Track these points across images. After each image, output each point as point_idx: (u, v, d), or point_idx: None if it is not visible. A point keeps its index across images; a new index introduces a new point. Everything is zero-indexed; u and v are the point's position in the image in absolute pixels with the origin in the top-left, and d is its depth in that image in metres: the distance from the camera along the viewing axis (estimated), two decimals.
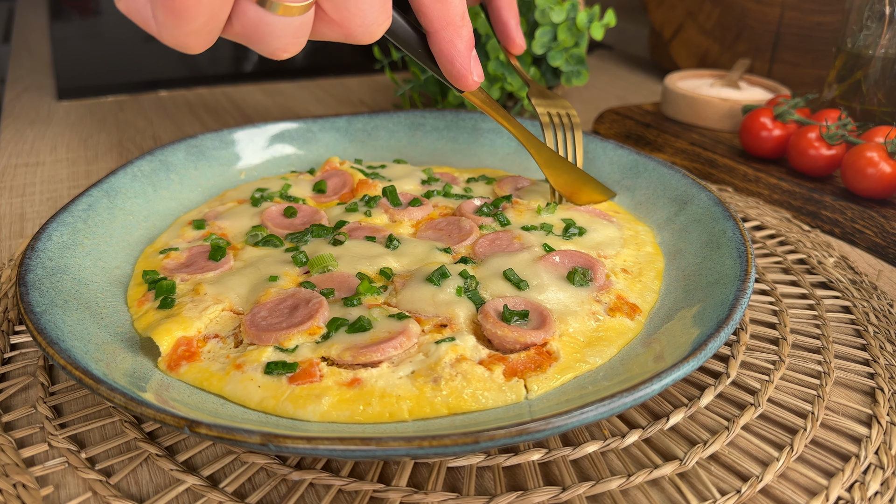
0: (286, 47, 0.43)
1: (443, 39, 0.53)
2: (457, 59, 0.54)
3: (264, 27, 0.41)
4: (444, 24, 0.52)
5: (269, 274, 0.58)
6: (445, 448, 0.38)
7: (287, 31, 0.42)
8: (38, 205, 0.83)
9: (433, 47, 0.54)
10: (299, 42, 0.43)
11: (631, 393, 0.41)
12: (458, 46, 0.53)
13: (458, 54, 0.54)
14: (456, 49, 0.53)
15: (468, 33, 0.53)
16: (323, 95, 1.28)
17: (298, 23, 0.42)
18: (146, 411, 0.40)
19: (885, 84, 0.90)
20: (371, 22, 0.45)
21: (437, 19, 0.52)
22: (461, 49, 0.54)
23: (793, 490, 0.45)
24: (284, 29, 0.41)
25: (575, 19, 0.96)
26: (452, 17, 0.52)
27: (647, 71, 1.51)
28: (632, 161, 0.76)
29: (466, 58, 0.54)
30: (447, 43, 0.53)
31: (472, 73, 0.55)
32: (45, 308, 0.49)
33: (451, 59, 0.54)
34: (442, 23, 0.52)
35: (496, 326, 0.51)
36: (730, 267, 0.55)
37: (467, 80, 0.55)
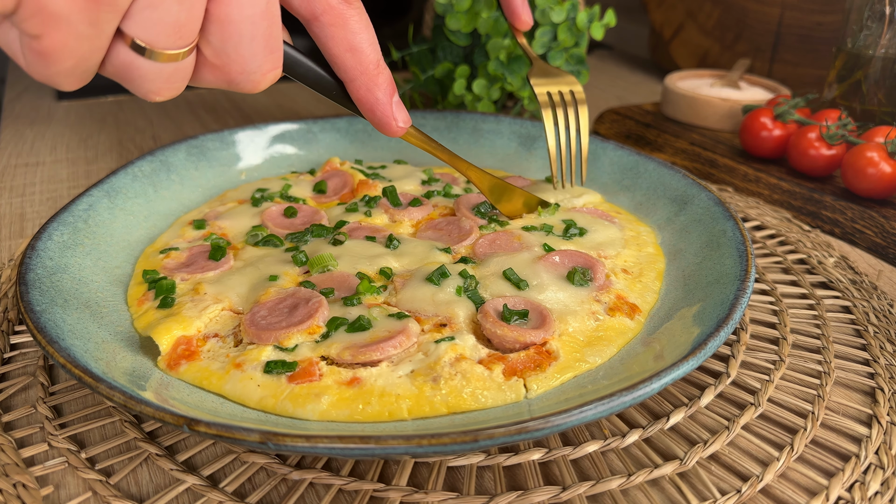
0: (159, 91, 0.42)
1: (359, 89, 0.51)
2: (377, 107, 0.52)
3: (135, 71, 0.40)
4: (357, 73, 0.50)
5: (269, 273, 0.58)
6: (444, 447, 0.38)
7: (160, 76, 0.40)
8: (38, 205, 0.83)
9: (352, 96, 0.52)
10: (175, 87, 0.42)
11: (630, 392, 0.41)
12: (376, 95, 0.51)
13: (377, 103, 0.52)
14: (374, 97, 0.52)
15: (385, 80, 0.52)
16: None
17: (172, 69, 0.40)
18: (146, 410, 0.40)
19: (886, 84, 0.90)
20: (254, 70, 0.43)
21: (351, 69, 0.50)
22: (380, 97, 0.52)
23: (793, 490, 0.45)
24: (157, 74, 0.40)
25: (575, 19, 0.96)
26: (366, 67, 0.50)
27: (647, 71, 1.51)
28: (632, 161, 0.76)
29: (387, 105, 0.52)
30: (365, 92, 0.51)
31: (395, 120, 0.53)
32: (45, 307, 0.49)
33: (371, 108, 0.52)
34: (355, 73, 0.50)
35: (496, 326, 0.51)
36: (730, 266, 0.55)
37: (390, 127, 0.53)
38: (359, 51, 0.49)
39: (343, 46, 0.49)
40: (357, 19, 0.48)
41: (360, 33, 0.49)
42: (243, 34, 0.41)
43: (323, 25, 0.48)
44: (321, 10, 0.47)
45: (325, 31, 0.48)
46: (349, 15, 0.48)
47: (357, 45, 0.49)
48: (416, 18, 1.54)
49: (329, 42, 0.49)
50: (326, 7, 0.47)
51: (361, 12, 0.49)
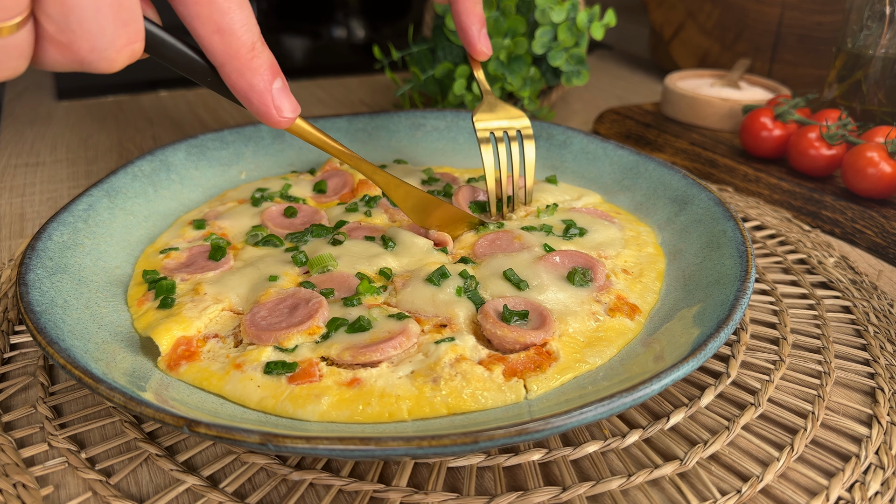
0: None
1: (230, 74, 0.46)
2: (251, 95, 0.46)
3: None
4: (227, 57, 0.45)
5: (269, 274, 0.58)
6: (444, 448, 0.38)
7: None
8: (38, 205, 0.83)
9: (225, 82, 0.47)
10: (9, 66, 0.37)
11: (630, 393, 0.41)
12: (249, 81, 0.46)
13: (252, 90, 0.46)
14: (247, 84, 0.46)
15: (263, 64, 0.46)
16: (323, 95, 1.28)
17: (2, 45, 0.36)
18: (146, 410, 0.40)
19: (886, 84, 0.90)
20: (105, 46, 0.38)
21: (220, 53, 0.44)
22: (255, 83, 0.46)
23: (793, 490, 0.45)
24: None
25: (575, 19, 0.96)
26: (237, 50, 0.44)
27: (647, 71, 1.51)
28: (632, 161, 0.76)
29: (264, 92, 0.46)
30: (237, 77, 0.46)
31: (276, 111, 0.47)
32: (45, 308, 0.49)
33: (246, 95, 0.47)
34: (225, 56, 0.45)
35: (496, 326, 0.51)
36: (730, 267, 0.55)
37: (271, 117, 0.48)
38: (228, 32, 0.44)
39: (210, 27, 0.43)
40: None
41: (230, 13, 0.43)
42: (85, 7, 0.37)
43: (186, 4, 0.42)
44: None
45: (189, 10, 0.43)
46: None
47: (226, 25, 0.43)
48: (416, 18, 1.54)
49: (194, 22, 0.43)
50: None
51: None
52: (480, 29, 0.67)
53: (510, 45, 0.96)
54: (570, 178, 0.79)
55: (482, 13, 0.67)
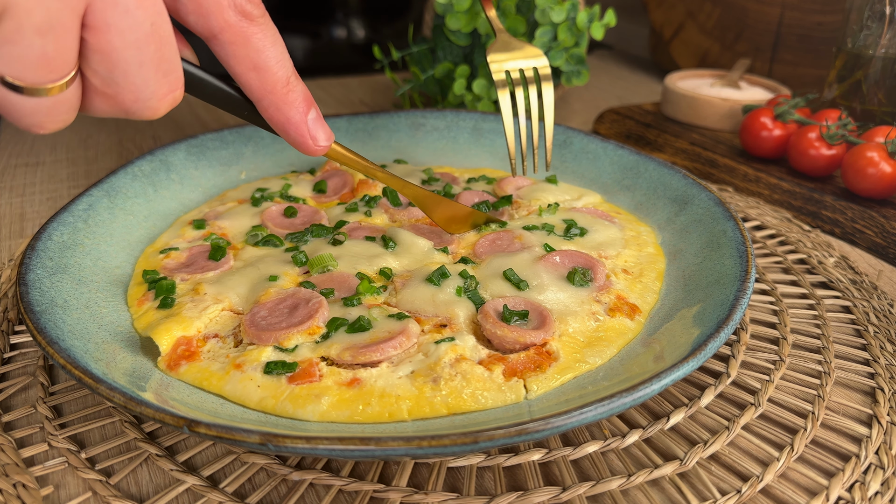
0: (42, 125, 0.39)
1: (268, 109, 0.48)
2: (289, 127, 0.49)
3: (10, 106, 0.37)
4: (265, 93, 0.47)
5: (268, 274, 0.58)
6: (444, 448, 0.38)
7: (38, 110, 0.38)
8: (38, 205, 0.83)
9: (263, 116, 0.49)
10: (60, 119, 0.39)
11: (630, 393, 0.41)
12: (287, 115, 0.48)
13: (289, 123, 0.48)
14: (285, 117, 0.48)
15: (298, 98, 0.48)
16: (323, 95, 1.28)
17: (51, 103, 0.38)
18: (146, 411, 0.40)
19: (886, 84, 0.90)
20: (149, 96, 0.40)
21: (257, 89, 0.47)
22: (292, 117, 0.48)
23: (793, 490, 0.45)
24: (35, 108, 0.38)
25: (575, 19, 0.96)
26: (273, 86, 0.47)
27: (647, 71, 1.51)
28: (632, 161, 0.76)
29: (300, 124, 0.48)
30: (275, 111, 0.48)
31: (313, 140, 0.49)
32: (44, 308, 0.49)
33: (284, 128, 0.49)
34: (262, 92, 0.47)
35: (496, 326, 0.51)
36: (730, 267, 0.55)
37: (308, 147, 0.50)
38: (264, 69, 0.46)
39: (246, 65, 0.45)
40: (261, 36, 0.45)
41: (265, 51, 0.45)
42: (130, 61, 0.39)
43: (223, 44, 0.44)
44: (219, 28, 0.44)
45: (226, 50, 0.45)
46: (251, 32, 0.45)
47: (262, 63, 0.46)
48: (416, 18, 1.54)
49: (231, 61, 0.45)
50: (224, 25, 0.44)
51: (266, 28, 0.46)
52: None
53: None
54: (570, 178, 0.79)
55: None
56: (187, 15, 0.43)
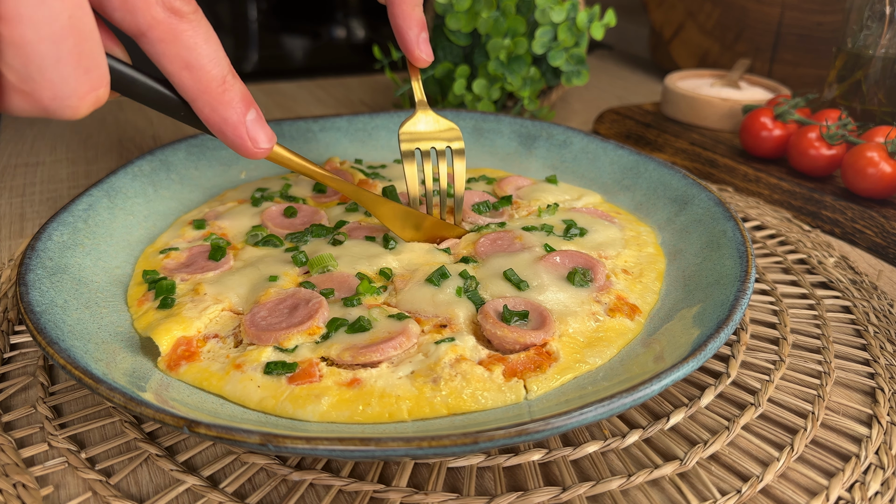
0: None
1: (202, 109, 0.45)
2: (225, 128, 0.46)
3: None
4: (198, 92, 0.44)
5: (268, 274, 0.58)
6: (444, 448, 0.38)
7: None
8: (38, 205, 0.83)
9: (200, 117, 0.46)
10: None
11: (630, 393, 0.41)
12: (222, 115, 0.45)
13: (225, 123, 0.45)
14: (220, 118, 0.45)
15: (235, 97, 0.45)
16: (323, 95, 1.28)
17: None
18: (146, 411, 0.40)
19: (886, 84, 0.90)
20: (68, 94, 0.38)
21: (190, 88, 0.44)
22: (229, 117, 0.45)
23: (793, 490, 0.45)
24: None
25: (575, 19, 0.96)
26: (207, 85, 0.44)
27: (647, 71, 1.51)
28: (632, 161, 0.76)
29: (238, 125, 0.46)
30: (210, 112, 0.45)
31: (252, 142, 0.47)
32: (45, 308, 0.49)
33: (219, 129, 0.46)
34: (196, 92, 0.44)
35: (496, 327, 0.51)
36: (730, 267, 0.55)
37: (246, 149, 0.47)
38: (197, 68, 0.43)
39: (178, 64, 0.43)
40: (192, 33, 0.42)
41: (197, 48, 0.43)
42: (45, 56, 0.36)
43: (152, 42, 0.42)
44: (146, 24, 0.41)
45: (156, 48, 0.42)
46: (181, 29, 0.42)
47: (194, 61, 0.43)
48: None
49: (162, 60, 0.43)
50: (152, 22, 0.41)
51: (197, 24, 0.43)
52: (419, 33, 0.62)
53: (510, 45, 0.96)
54: (570, 178, 0.79)
55: (422, 17, 0.62)
56: (113, 11, 0.41)
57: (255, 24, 1.46)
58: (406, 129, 0.64)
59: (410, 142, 0.64)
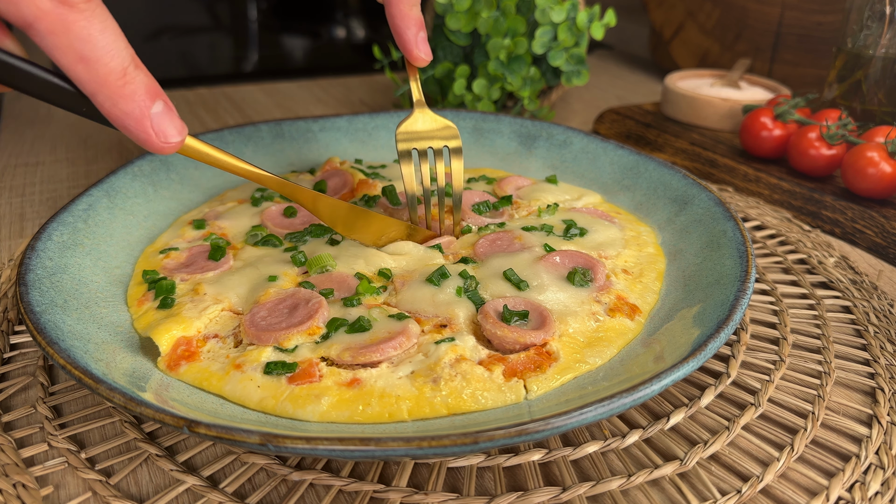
0: None
1: (103, 104, 0.42)
2: (127, 123, 0.43)
3: None
4: (97, 86, 0.41)
5: (268, 274, 0.58)
6: (445, 448, 0.38)
7: None
8: (38, 205, 0.83)
9: (101, 112, 0.43)
10: None
11: (630, 393, 0.41)
12: (123, 108, 0.42)
13: (128, 117, 0.43)
14: (123, 112, 0.42)
15: (137, 90, 0.42)
16: (323, 95, 1.28)
17: None
18: (146, 411, 0.40)
19: (886, 84, 0.90)
20: None
21: (88, 82, 0.41)
22: (132, 111, 0.42)
23: (793, 490, 0.45)
24: None
25: (575, 19, 0.96)
26: (105, 77, 0.41)
27: (647, 71, 1.51)
28: (632, 161, 0.76)
29: (141, 119, 0.43)
30: (111, 107, 0.42)
31: (158, 136, 0.44)
32: (44, 308, 0.49)
33: (123, 123, 0.43)
34: (94, 86, 0.41)
35: (496, 327, 0.51)
36: (730, 267, 0.55)
37: (152, 143, 0.44)
38: (93, 60, 0.40)
39: (72, 57, 0.40)
40: (84, 23, 0.40)
41: (91, 40, 0.40)
42: None
43: (41, 34, 0.39)
44: (33, 16, 0.38)
45: (46, 41, 0.39)
46: (72, 20, 0.39)
47: (88, 53, 0.40)
48: None
49: (55, 53, 0.40)
50: (38, 12, 0.38)
51: (91, 14, 0.40)
52: (417, 33, 0.61)
53: (510, 45, 0.96)
54: (570, 178, 0.79)
55: (419, 16, 0.61)
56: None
57: (255, 24, 1.46)
58: (403, 128, 0.64)
59: (408, 141, 0.64)
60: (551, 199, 0.72)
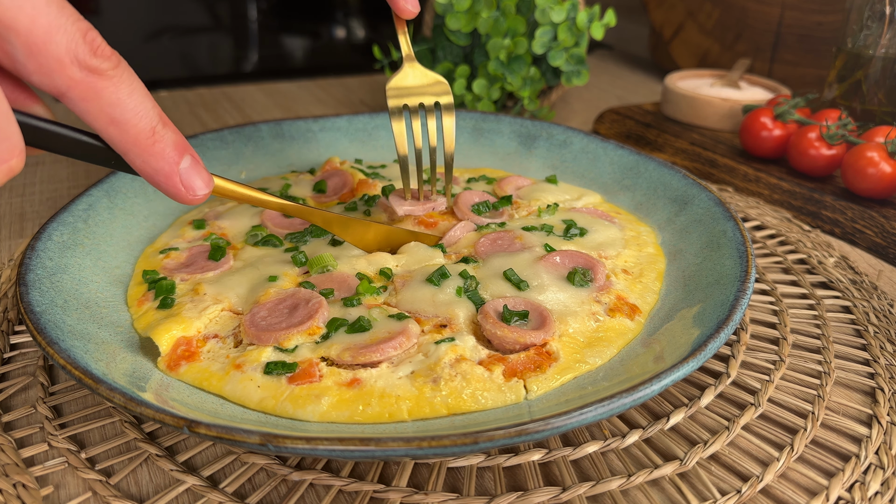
0: None
1: (135, 161, 0.44)
2: (158, 179, 0.45)
3: None
4: (128, 146, 0.43)
5: (268, 274, 0.58)
6: (444, 448, 0.38)
7: None
8: (38, 205, 0.83)
9: (133, 168, 0.45)
10: None
11: (630, 393, 0.41)
12: (153, 166, 0.44)
13: (158, 174, 0.44)
14: (153, 169, 0.44)
15: (166, 148, 0.44)
16: (323, 95, 1.28)
17: None
18: (146, 411, 0.40)
19: (886, 84, 0.90)
20: None
21: (120, 143, 0.43)
22: (161, 167, 0.44)
23: (793, 490, 0.45)
24: None
25: (575, 19, 0.96)
26: (136, 138, 0.43)
27: (647, 71, 1.51)
28: (632, 161, 0.76)
29: (171, 176, 0.45)
30: (142, 164, 0.44)
31: (187, 190, 0.46)
32: (45, 308, 0.49)
33: (153, 180, 0.45)
34: (125, 146, 0.43)
35: (496, 327, 0.51)
36: (730, 267, 0.55)
37: (182, 197, 0.46)
38: (122, 122, 0.42)
39: (103, 121, 0.42)
40: (113, 89, 0.41)
41: (120, 104, 0.42)
42: None
43: (73, 101, 0.41)
44: (65, 86, 0.40)
45: (78, 107, 0.41)
46: (101, 87, 0.41)
47: (118, 117, 0.42)
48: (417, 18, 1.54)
49: (87, 117, 0.42)
50: (70, 83, 0.40)
51: (119, 79, 0.41)
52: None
53: (510, 45, 0.96)
54: (570, 178, 0.79)
55: None
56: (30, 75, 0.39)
57: (255, 24, 1.46)
58: (393, 83, 0.62)
59: (398, 97, 0.62)
60: (551, 199, 0.72)
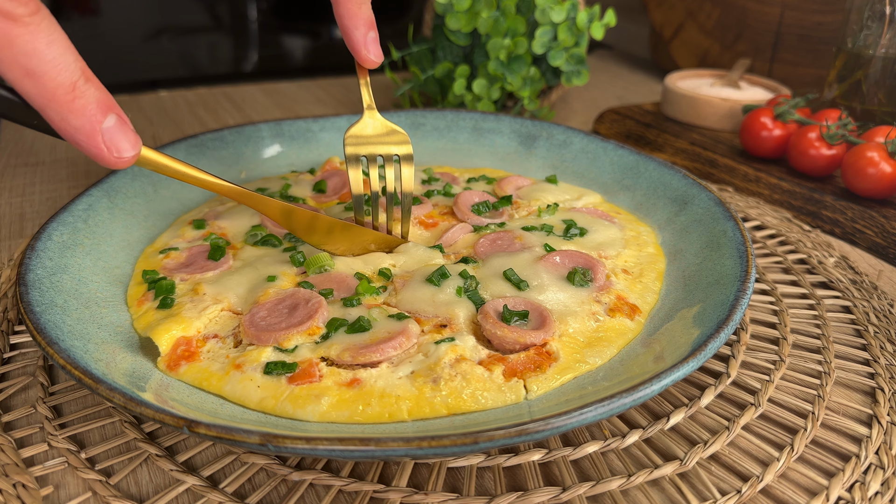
0: None
1: (53, 118, 0.41)
2: (79, 137, 0.42)
3: None
4: (45, 101, 0.40)
5: (267, 274, 0.58)
6: (444, 448, 0.38)
7: None
8: (38, 205, 0.83)
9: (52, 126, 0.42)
10: None
11: (630, 393, 0.41)
12: (73, 123, 0.41)
13: (78, 132, 0.42)
14: (73, 127, 0.41)
15: (89, 103, 0.41)
16: (323, 95, 1.28)
17: None
18: (145, 411, 0.40)
19: (886, 84, 0.90)
20: None
21: (35, 97, 0.40)
22: (82, 125, 0.41)
23: (793, 490, 0.45)
24: None
25: (575, 19, 0.96)
26: (53, 92, 0.40)
27: (647, 71, 1.51)
28: (632, 161, 0.76)
29: (92, 134, 0.42)
30: (60, 121, 0.41)
31: (110, 151, 0.43)
32: (44, 308, 0.49)
33: (73, 139, 0.42)
34: (42, 100, 0.40)
35: (496, 327, 0.51)
36: (730, 267, 0.55)
37: (104, 157, 0.43)
38: (39, 75, 0.39)
39: (18, 72, 0.39)
40: (28, 37, 0.38)
41: (36, 54, 0.39)
42: None
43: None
44: None
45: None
46: (15, 34, 0.38)
47: (34, 68, 0.39)
48: (416, 18, 1.54)
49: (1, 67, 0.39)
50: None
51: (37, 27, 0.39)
52: (367, 33, 0.58)
53: (510, 45, 0.96)
54: (570, 178, 0.79)
55: (370, 15, 0.58)
56: None
57: (255, 24, 1.46)
58: (352, 132, 0.62)
59: (356, 146, 0.62)
60: (551, 198, 0.72)
